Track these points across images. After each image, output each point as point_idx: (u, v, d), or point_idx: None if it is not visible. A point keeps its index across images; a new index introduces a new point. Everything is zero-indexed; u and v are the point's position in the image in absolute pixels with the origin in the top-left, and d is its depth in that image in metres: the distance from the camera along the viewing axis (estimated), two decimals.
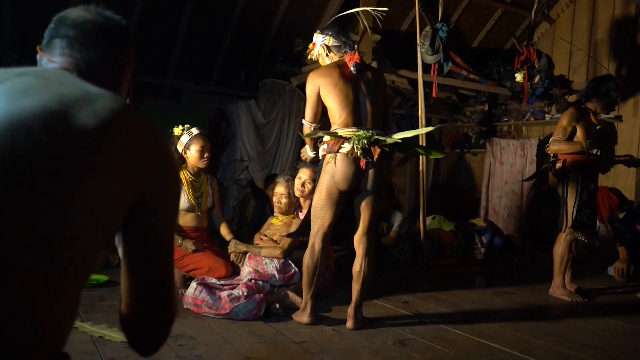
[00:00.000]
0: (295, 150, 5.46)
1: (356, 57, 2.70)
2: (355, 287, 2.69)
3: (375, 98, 2.69)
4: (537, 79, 5.22)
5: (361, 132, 2.59)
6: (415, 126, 6.55)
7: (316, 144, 2.90)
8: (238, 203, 5.53)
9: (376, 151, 2.59)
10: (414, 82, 5.31)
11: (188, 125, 3.44)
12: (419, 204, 4.56)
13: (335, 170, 2.63)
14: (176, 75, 5.79)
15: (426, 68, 4.75)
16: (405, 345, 2.42)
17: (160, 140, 0.92)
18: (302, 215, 3.36)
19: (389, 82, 5.65)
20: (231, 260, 3.35)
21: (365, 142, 2.56)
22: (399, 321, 2.85)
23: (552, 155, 3.59)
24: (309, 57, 2.97)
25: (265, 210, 5.03)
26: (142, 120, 0.90)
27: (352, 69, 2.69)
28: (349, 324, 2.67)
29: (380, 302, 3.26)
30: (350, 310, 2.69)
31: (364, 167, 2.60)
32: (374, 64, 4.91)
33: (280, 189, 3.45)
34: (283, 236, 3.22)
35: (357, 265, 2.69)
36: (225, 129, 5.55)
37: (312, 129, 2.78)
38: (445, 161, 7.49)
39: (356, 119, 2.64)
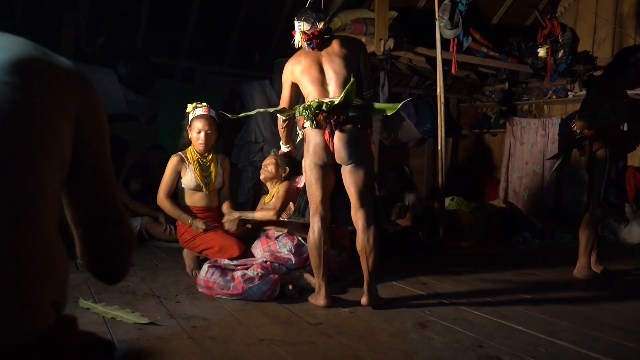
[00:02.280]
0: None
1: (305, 37, 2.69)
2: (363, 264, 2.62)
3: (340, 67, 2.63)
4: (560, 53, 5.01)
5: (309, 103, 2.57)
6: (433, 107, 6.41)
7: (289, 137, 2.98)
8: (253, 185, 5.46)
9: (326, 117, 2.53)
10: (432, 61, 5.15)
11: (205, 104, 3.37)
12: (437, 185, 4.45)
13: (307, 145, 2.64)
14: (189, 56, 5.71)
15: (444, 45, 4.59)
16: (425, 327, 2.34)
17: (75, 67, 0.90)
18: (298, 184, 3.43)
19: (406, 61, 5.50)
20: (226, 229, 3.31)
21: (304, 110, 2.55)
22: (417, 302, 2.76)
23: (578, 131, 3.43)
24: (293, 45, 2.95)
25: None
26: (47, 50, 0.87)
27: (305, 49, 2.71)
28: (363, 300, 2.62)
29: (397, 283, 3.18)
30: (364, 287, 2.64)
31: (327, 137, 2.56)
32: (390, 42, 4.77)
33: (266, 160, 3.54)
34: (284, 219, 3.22)
35: (359, 243, 2.61)
36: (239, 110, 5.45)
37: (282, 122, 2.86)
38: (464, 142, 7.36)
39: (321, 92, 2.61)
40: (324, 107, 2.52)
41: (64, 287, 0.85)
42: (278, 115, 2.89)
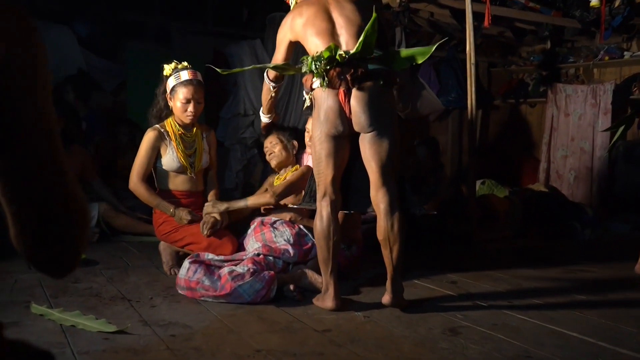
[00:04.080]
0: None
1: None
2: (386, 256, 2.53)
3: (352, 13, 2.57)
4: (617, 2, 4.92)
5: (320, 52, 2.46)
6: (459, 72, 6.32)
7: (273, 105, 2.98)
8: (242, 167, 5.41)
9: (341, 72, 2.43)
10: (458, 15, 5.05)
11: (185, 64, 3.28)
12: (463, 166, 4.39)
13: (317, 112, 2.56)
14: (163, 12, 5.61)
15: None
16: (458, 334, 2.28)
17: None
18: (306, 161, 3.41)
19: (427, 15, 5.40)
20: (202, 223, 3.16)
21: (313, 63, 2.45)
22: (446, 304, 2.71)
23: None
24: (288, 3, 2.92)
25: None
26: None
27: None
28: (386, 298, 2.55)
29: (421, 282, 3.13)
30: (388, 284, 2.56)
31: (342, 98, 2.46)
32: None
33: (266, 143, 3.46)
34: (294, 206, 3.13)
35: (381, 231, 2.51)
36: (225, 77, 5.36)
37: (272, 88, 2.84)
38: (496, 115, 7.28)
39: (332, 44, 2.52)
40: (337, 57, 2.42)
41: None
42: (266, 80, 2.84)
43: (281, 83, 2.89)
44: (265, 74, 2.89)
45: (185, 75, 3.22)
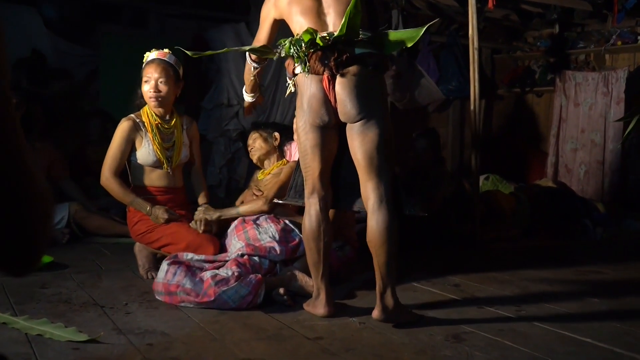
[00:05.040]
0: None
1: None
2: (374, 261, 2.46)
3: None
4: None
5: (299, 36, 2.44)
6: (460, 58, 6.33)
7: (256, 85, 2.95)
8: (226, 162, 5.39)
9: (322, 56, 2.39)
10: None
11: (166, 50, 3.31)
12: (466, 160, 4.39)
13: (300, 99, 2.53)
14: None
15: None
16: (462, 340, 2.27)
17: None
18: (293, 157, 3.42)
19: None
20: (195, 222, 3.22)
21: (292, 47, 2.42)
22: (449, 310, 2.71)
23: None
24: None
25: None
26: None
27: None
28: (375, 313, 2.47)
29: (422, 285, 3.13)
30: (377, 295, 2.48)
31: (326, 85, 2.43)
32: None
33: (249, 141, 3.56)
34: (279, 202, 3.10)
35: (369, 231, 2.45)
36: (207, 62, 5.38)
37: (253, 69, 2.81)
38: (501, 105, 7.30)
39: (317, 25, 2.49)
40: (318, 41, 2.39)
41: None
42: (248, 60, 2.81)
43: (264, 64, 2.85)
44: (247, 53, 2.85)
45: (152, 55, 3.24)
